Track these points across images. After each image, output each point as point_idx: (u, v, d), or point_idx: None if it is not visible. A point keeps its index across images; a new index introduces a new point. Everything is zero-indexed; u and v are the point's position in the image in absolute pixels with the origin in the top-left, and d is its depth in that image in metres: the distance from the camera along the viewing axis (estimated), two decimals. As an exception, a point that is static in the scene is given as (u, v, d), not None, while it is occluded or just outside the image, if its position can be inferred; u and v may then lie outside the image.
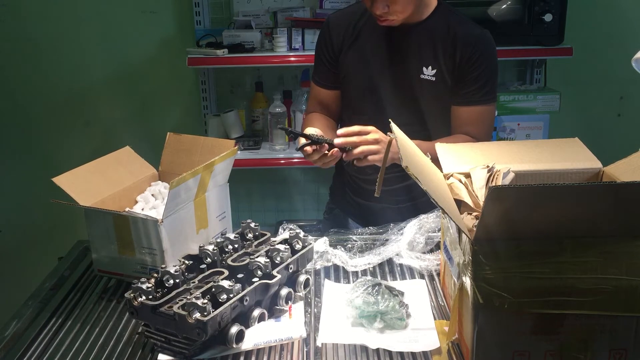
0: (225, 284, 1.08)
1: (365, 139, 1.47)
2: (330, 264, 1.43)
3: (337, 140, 1.46)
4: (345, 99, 1.77)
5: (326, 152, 1.48)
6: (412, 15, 1.58)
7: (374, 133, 1.48)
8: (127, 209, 1.46)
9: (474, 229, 0.93)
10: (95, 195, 1.44)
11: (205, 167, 1.36)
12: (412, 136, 1.63)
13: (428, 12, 1.62)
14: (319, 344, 1.14)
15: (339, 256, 1.44)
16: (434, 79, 1.61)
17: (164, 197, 1.53)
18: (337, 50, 1.71)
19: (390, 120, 1.29)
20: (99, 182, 1.48)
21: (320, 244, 1.47)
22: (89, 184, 1.45)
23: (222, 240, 1.29)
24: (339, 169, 1.90)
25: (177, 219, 1.35)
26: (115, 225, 1.36)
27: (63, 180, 1.39)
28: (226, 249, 1.28)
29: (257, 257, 1.20)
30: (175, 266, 1.17)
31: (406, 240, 1.46)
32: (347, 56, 1.69)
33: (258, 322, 1.16)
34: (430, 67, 1.61)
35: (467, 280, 0.97)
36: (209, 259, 1.23)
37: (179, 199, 1.33)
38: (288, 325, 1.17)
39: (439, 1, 1.64)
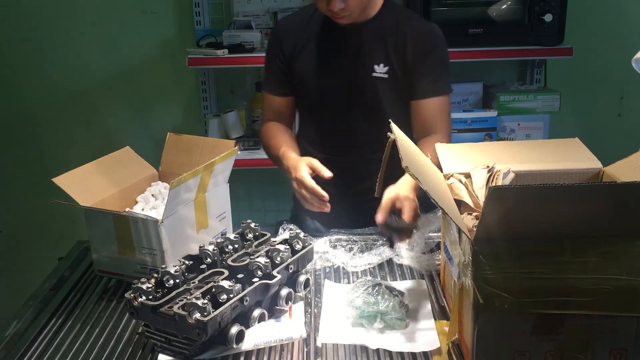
0: (226, 284, 1.08)
1: (410, 207, 1.37)
2: (330, 264, 1.43)
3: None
4: (302, 103, 1.76)
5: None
6: (361, 13, 1.58)
7: (404, 201, 1.38)
8: (127, 209, 1.46)
9: (474, 229, 0.93)
10: (95, 196, 1.44)
11: (205, 167, 1.36)
12: (370, 133, 1.66)
13: (376, 10, 1.62)
14: (319, 344, 1.13)
15: (339, 256, 1.44)
16: (386, 76, 1.61)
17: (164, 198, 1.53)
18: (288, 56, 1.69)
19: (390, 120, 1.29)
20: (99, 182, 1.47)
21: (321, 244, 1.47)
22: (89, 184, 1.45)
23: (222, 240, 1.29)
24: None
25: (177, 219, 1.35)
26: (116, 226, 1.36)
27: (63, 181, 1.39)
28: (226, 249, 1.28)
29: (257, 257, 1.20)
30: (175, 266, 1.17)
31: (406, 241, 1.46)
32: (300, 61, 1.68)
33: (258, 323, 1.16)
34: (382, 65, 1.61)
35: (467, 281, 0.97)
36: (209, 259, 1.23)
37: (179, 199, 1.33)
38: (288, 326, 1.17)
39: None
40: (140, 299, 1.09)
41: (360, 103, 1.66)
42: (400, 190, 1.39)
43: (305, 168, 1.48)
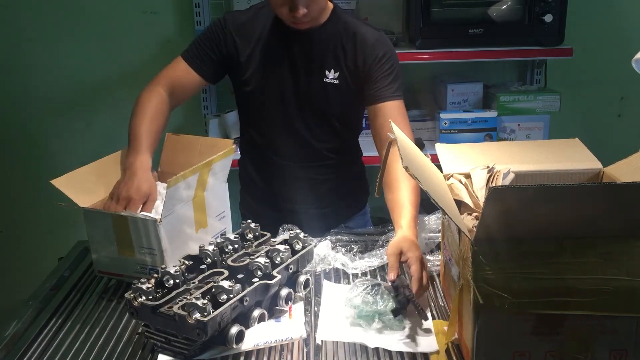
0: (225, 284, 1.08)
1: (419, 271, 1.25)
2: (330, 266, 1.43)
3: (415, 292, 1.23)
4: (250, 107, 1.73)
5: None
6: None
7: (412, 258, 1.27)
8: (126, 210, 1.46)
9: (474, 229, 0.93)
10: (94, 197, 1.44)
11: (203, 165, 1.36)
12: (321, 139, 1.67)
13: (326, 17, 1.61)
14: (318, 341, 1.14)
15: (340, 259, 1.43)
16: (337, 82, 1.61)
17: (163, 198, 1.53)
18: (226, 52, 1.64)
19: (390, 120, 1.29)
20: (98, 183, 1.47)
21: (323, 248, 1.46)
22: (88, 185, 1.45)
23: (222, 240, 1.29)
24: (245, 182, 1.87)
25: (176, 219, 1.35)
26: (115, 226, 1.36)
27: (62, 182, 1.39)
28: (226, 250, 1.28)
29: (257, 257, 1.20)
30: (175, 266, 1.17)
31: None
32: (247, 65, 1.64)
33: (258, 323, 1.16)
34: (332, 71, 1.60)
35: (467, 281, 0.97)
36: (209, 260, 1.23)
37: (178, 198, 1.33)
38: (288, 326, 1.17)
39: (334, 5, 1.64)
40: (140, 299, 1.09)
41: (311, 109, 1.65)
42: (402, 244, 1.29)
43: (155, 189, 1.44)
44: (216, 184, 1.47)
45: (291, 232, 1.33)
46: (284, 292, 1.21)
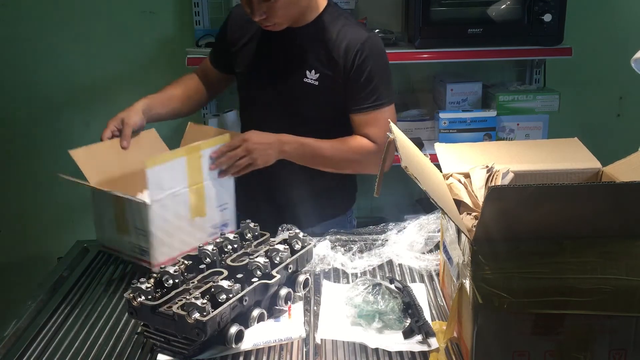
0: (225, 284, 1.08)
1: (234, 155, 1.48)
2: (330, 266, 1.43)
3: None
4: (242, 104, 1.78)
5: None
6: (298, 19, 1.57)
7: (241, 146, 1.49)
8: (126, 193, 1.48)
9: (474, 229, 0.93)
10: (106, 174, 1.46)
11: (187, 150, 1.37)
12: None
13: (314, 15, 1.59)
14: (318, 340, 1.14)
15: (339, 259, 1.43)
16: (317, 83, 1.58)
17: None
18: (229, 45, 1.71)
19: (389, 120, 1.29)
20: (114, 161, 1.49)
21: (322, 248, 1.46)
22: (104, 160, 1.47)
23: (222, 240, 1.29)
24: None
25: (170, 204, 1.36)
26: (114, 206, 1.39)
27: (79, 154, 1.42)
28: (225, 249, 1.28)
29: (256, 257, 1.20)
30: (174, 266, 1.17)
31: (406, 241, 1.46)
32: (240, 57, 1.70)
33: (257, 322, 1.16)
34: (313, 71, 1.58)
35: (466, 281, 0.97)
36: (208, 259, 1.23)
37: (165, 182, 1.34)
38: (287, 326, 1.17)
39: (328, 3, 1.62)
40: (139, 299, 1.09)
41: (291, 108, 1.64)
42: (252, 143, 1.50)
43: (134, 117, 1.57)
44: (216, 174, 1.47)
45: (290, 231, 1.33)
46: (284, 291, 1.21)
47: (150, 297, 1.10)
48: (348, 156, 1.62)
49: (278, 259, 1.22)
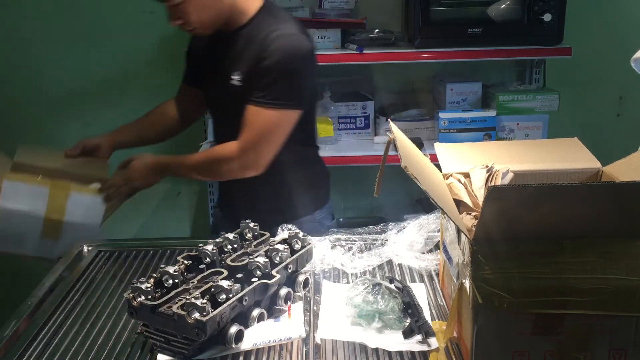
0: (225, 284, 1.08)
1: (112, 183, 1.66)
2: (330, 266, 1.43)
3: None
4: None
5: None
6: (228, 22, 1.59)
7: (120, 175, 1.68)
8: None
9: (473, 229, 0.93)
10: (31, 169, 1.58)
11: (54, 183, 1.40)
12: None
13: (246, 18, 1.59)
14: (318, 340, 1.14)
15: (339, 259, 1.43)
16: (240, 84, 1.58)
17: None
18: (192, 58, 1.80)
19: (389, 120, 1.29)
20: (47, 162, 1.60)
21: (322, 247, 1.46)
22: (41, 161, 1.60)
23: (221, 240, 1.29)
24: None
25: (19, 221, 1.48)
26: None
27: (23, 152, 1.55)
28: (225, 249, 1.28)
29: (256, 257, 1.20)
30: (174, 266, 1.17)
31: (406, 241, 1.46)
32: (193, 61, 1.79)
33: (257, 322, 1.16)
34: (238, 72, 1.59)
35: (466, 281, 0.97)
36: (208, 259, 1.23)
37: (18, 199, 1.42)
38: (287, 325, 1.17)
39: (264, 3, 1.61)
40: (139, 299, 1.09)
41: (224, 111, 1.66)
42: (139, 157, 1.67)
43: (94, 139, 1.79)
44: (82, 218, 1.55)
45: (290, 231, 1.33)
46: (283, 291, 1.21)
47: (150, 297, 1.10)
48: (206, 166, 1.66)
49: (278, 258, 1.22)
